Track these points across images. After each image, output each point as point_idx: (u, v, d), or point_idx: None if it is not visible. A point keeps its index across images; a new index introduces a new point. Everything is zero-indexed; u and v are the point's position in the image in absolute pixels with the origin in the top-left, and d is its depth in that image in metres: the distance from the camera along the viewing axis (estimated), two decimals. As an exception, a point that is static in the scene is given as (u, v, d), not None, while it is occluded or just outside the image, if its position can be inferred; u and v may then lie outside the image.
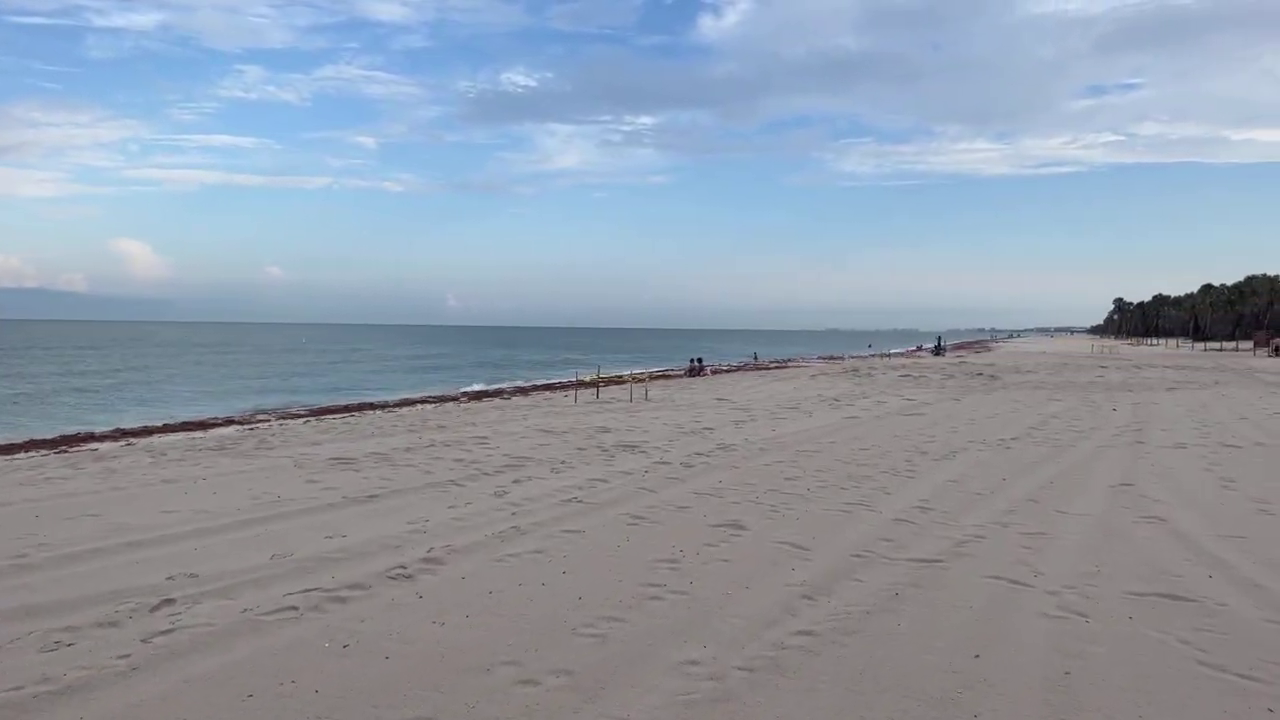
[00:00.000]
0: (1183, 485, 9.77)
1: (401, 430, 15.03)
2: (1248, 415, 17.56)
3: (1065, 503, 8.78)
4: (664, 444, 12.97)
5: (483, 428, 15.19)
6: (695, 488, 9.47)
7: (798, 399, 21.64)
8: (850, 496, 9.07)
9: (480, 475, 10.17)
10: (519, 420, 16.42)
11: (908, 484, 9.82)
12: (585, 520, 7.83)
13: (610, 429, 14.80)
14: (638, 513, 8.16)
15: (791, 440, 13.50)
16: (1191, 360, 52.19)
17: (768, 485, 9.65)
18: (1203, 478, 10.29)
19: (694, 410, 18.39)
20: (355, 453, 12.04)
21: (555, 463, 11.11)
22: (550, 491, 9.17)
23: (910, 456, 11.89)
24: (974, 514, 8.24)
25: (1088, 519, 8.03)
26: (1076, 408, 19.38)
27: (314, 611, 5.31)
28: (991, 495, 9.17)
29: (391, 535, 7.20)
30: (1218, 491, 9.44)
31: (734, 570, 6.29)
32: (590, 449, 12.41)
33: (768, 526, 7.66)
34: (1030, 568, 6.39)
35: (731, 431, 14.58)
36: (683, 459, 11.49)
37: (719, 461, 11.33)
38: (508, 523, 7.69)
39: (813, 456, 11.81)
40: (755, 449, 12.48)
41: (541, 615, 5.26)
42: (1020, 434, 14.44)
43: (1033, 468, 10.96)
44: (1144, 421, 16.37)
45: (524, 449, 12.37)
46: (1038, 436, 14.15)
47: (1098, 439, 13.87)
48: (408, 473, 10.36)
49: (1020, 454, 12.20)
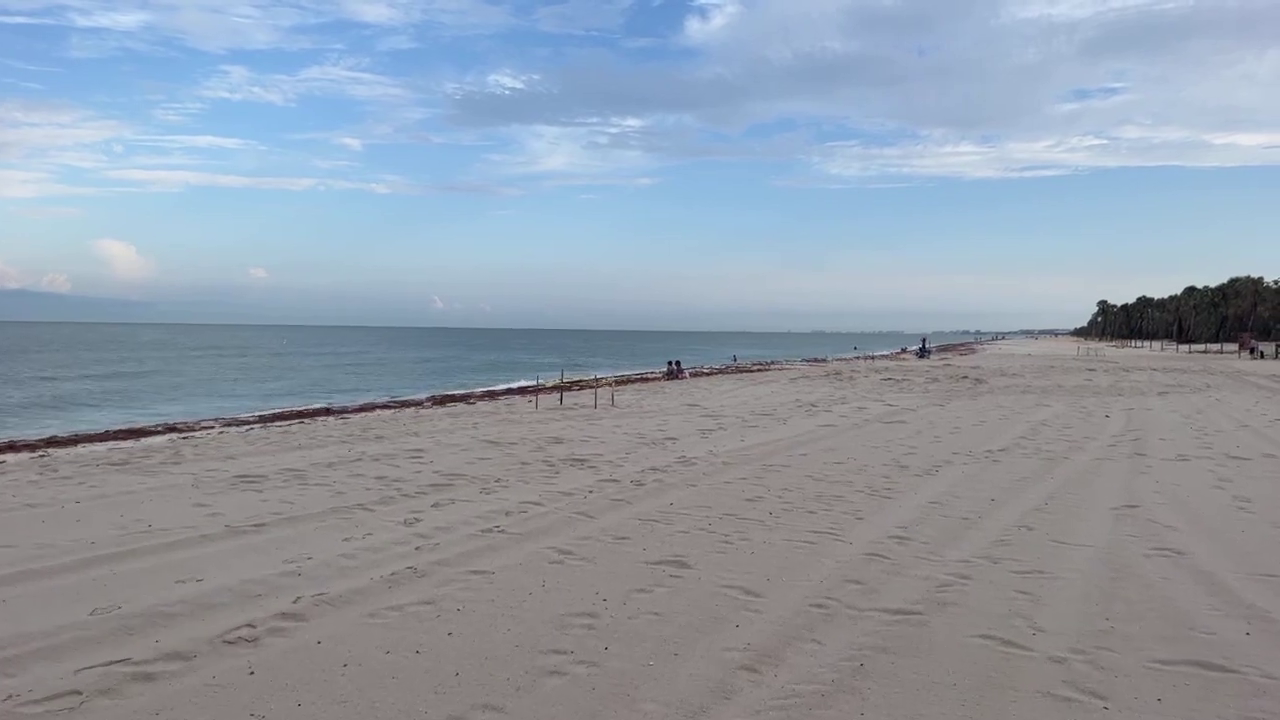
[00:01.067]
0: (1193, 507, 8.64)
1: (335, 441, 13.74)
2: (1248, 422, 16.51)
3: (1063, 530, 7.62)
4: (618, 457, 11.75)
5: (425, 438, 13.92)
6: (641, 511, 8.26)
7: (773, 405, 20.47)
8: (818, 523, 7.88)
9: (397, 498, 8.91)
10: (468, 429, 15.16)
11: (884, 506, 8.64)
12: (500, 557, 6.60)
13: (564, 439, 13.57)
14: (566, 546, 6.94)
15: (760, 452, 12.31)
16: (1178, 363, 51.43)
17: (725, 508, 8.45)
18: (1214, 497, 9.16)
19: (660, 418, 17.18)
20: (269, 468, 10.76)
21: (489, 481, 9.87)
22: (471, 518, 7.93)
23: (889, 472, 10.72)
24: (959, 545, 7.07)
25: (1091, 552, 6.86)
26: (1067, 414, 18.29)
27: (102, 698, 4.06)
28: (979, 520, 8.00)
29: (257, 579, 5.95)
30: (1234, 514, 8.31)
31: (664, 628, 5.08)
32: (535, 463, 11.17)
33: (716, 564, 6.46)
34: (1027, 621, 5.22)
35: (696, 442, 13.38)
36: (635, 475, 10.28)
37: (675, 478, 10.12)
38: (406, 560, 6.45)
39: (780, 472, 10.62)
40: (718, 463, 11.28)
41: (397, 704, 4.03)
42: (1009, 444, 13.30)
43: (1024, 485, 9.81)
44: (1140, 429, 15.28)
45: (460, 464, 11.12)
46: (1028, 447, 13.02)
47: (1093, 450, 12.74)
48: (316, 494, 9.10)
49: (1010, 468, 11.06)
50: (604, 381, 23.63)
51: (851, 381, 30.32)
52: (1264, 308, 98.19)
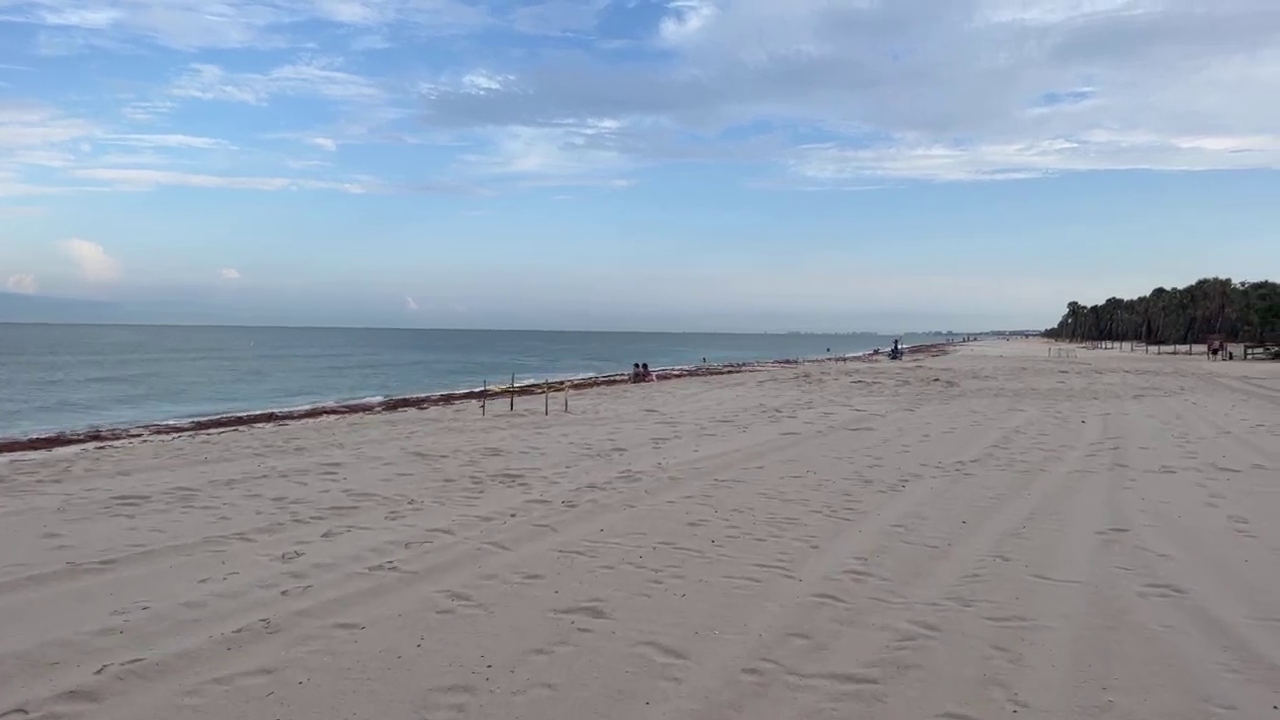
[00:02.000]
0: (1187, 529, 7.71)
1: (251, 453, 12.54)
2: (1228, 428, 15.74)
3: (1044, 561, 6.65)
4: (556, 472, 10.67)
5: (349, 450, 12.76)
6: (565, 541, 7.19)
7: (736, 410, 19.47)
8: (765, 553, 6.86)
9: (287, 524, 7.78)
10: (400, 440, 14.01)
11: (842, 531, 7.64)
12: (379, 604, 5.51)
13: (502, 451, 12.46)
14: (464, 588, 5.86)
15: (713, 465, 11.29)
16: (1148, 364, 51.18)
17: (662, 535, 7.41)
18: (1207, 517, 8.25)
19: (613, 425, 16.12)
20: (159, 487, 9.57)
21: (401, 503, 8.75)
22: (363, 551, 6.82)
23: (851, 487, 9.73)
24: (925, 582, 6.07)
25: (1078, 590, 5.89)
26: (1041, 419, 17.45)
27: None
28: (948, 549, 7.01)
29: (64, 639, 4.82)
30: (1232, 539, 7.39)
31: (555, 709, 4.02)
32: (460, 480, 10.07)
33: (637, 611, 5.41)
34: (1006, 692, 4.22)
35: (646, 454, 12.33)
36: (569, 494, 9.21)
37: (614, 497, 9.06)
38: (263, 610, 5.34)
39: (732, 489, 9.60)
40: (666, 478, 10.24)
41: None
42: (981, 454, 12.38)
43: (998, 504, 8.85)
44: (1118, 437, 14.43)
45: (375, 481, 9.99)
46: (1001, 457, 12.10)
47: (1070, 460, 11.85)
48: (196, 520, 7.94)
49: (982, 482, 10.12)
50: (559, 385, 22.50)
51: (821, 384, 29.44)
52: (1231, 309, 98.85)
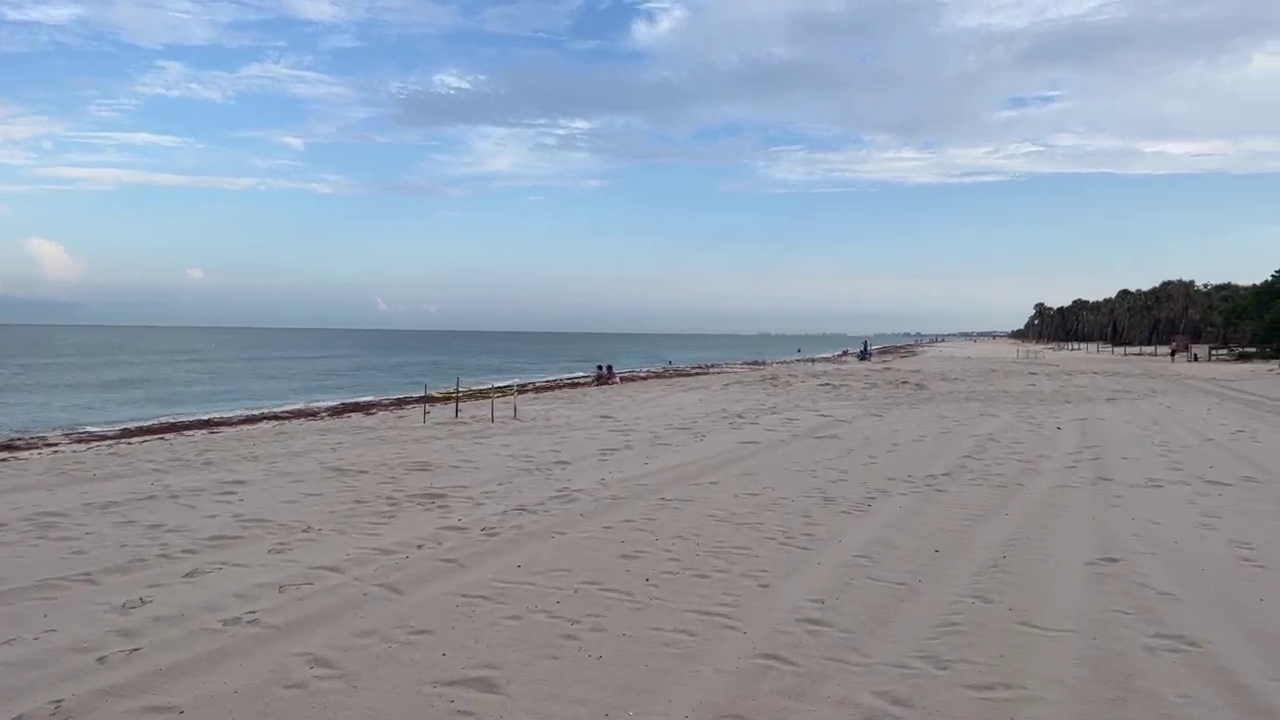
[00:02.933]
0: (1187, 558, 6.80)
1: (151, 468, 11.30)
2: (1209, 434, 14.99)
3: (1031, 602, 5.68)
4: (485, 491, 9.58)
5: (261, 464, 11.58)
6: (472, 581, 6.11)
7: (696, 415, 18.46)
8: (707, 594, 5.83)
9: (150, 560, 6.63)
10: (323, 451, 12.82)
11: (799, 564, 6.63)
12: (216, 676, 4.40)
13: (432, 465, 11.33)
14: (330, 650, 4.77)
15: (662, 481, 10.25)
16: (1116, 365, 51.02)
17: (589, 571, 6.36)
18: (1206, 542, 7.35)
19: (562, 434, 15.04)
20: (23, 511, 8.34)
21: (295, 531, 7.62)
22: (226, 597, 5.70)
23: (811, 508, 8.74)
24: (892, 633, 5.07)
25: (1073, 643, 4.92)
26: (1015, 425, 16.62)
27: None
28: (919, 587, 6.02)
29: None
30: (1238, 570, 6.48)
31: None
32: (374, 501, 8.95)
33: (538, 682, 4.35)
34: (996, 806, 3.21)
35: (590, 468, 11.26)
36: (494, 519, 8.12)
37: (543, 522, 7.99)
38: (61, 687, 4.22)
39: (679, 510, 8.57)
40: (607, 498, 9.18)
41: None
42: (953, 466, 11.46)
43: (975, 526, 7.90)
44: (1097, 445, 13.60)
45: (276, 503, 8.84)
46: (975, 469, 11.19)
47: (1049, 473, 10.96)
48: (45, 554, 6.75)
49: (956, 499, 9.17)
50: (502, 390, 21.34)
51: (787, 387, 28.55)
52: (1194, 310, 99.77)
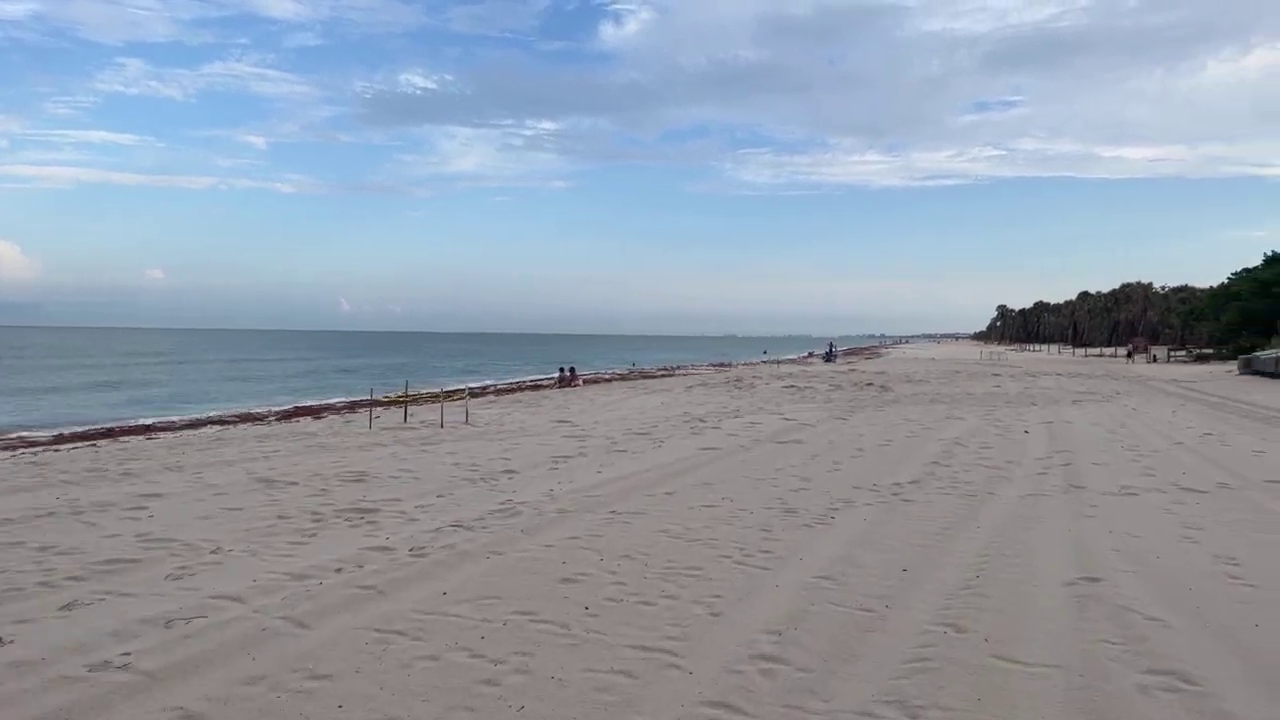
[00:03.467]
0: (1172, 577, 6.31)
1: (63, 480, 10.43)
2: (1178, 438, 14.68)
3: (1008, 631, 5.13)
4: (421, 505, 8.88)
5: (187, 473, 10.76)
6: (389, 612, 5.44)
7: (656, 419, 17.85)
8: (652, 625, 5.21)
9: (29, 589, 5.85)
10: (255, 460, 12.01)
11: (756, 587, 6.03)
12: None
13: (368, 475, 10.60)
14: (208, 702, 4.09)
15: (614, 491, 9.62)
16: (1078, 367, 51.33)
17: (523, 599, 5.71)
18: (1190, 556, 6.88)
19: (514, 440, 14.34)
20: (-102, 534, 7.50)
21: (201, 553, 6.87)
22: (102, 636, 4.97)
23: (771, 520, 8.16)
24: (856, 670, 4.49)
25: (1057, 681, 4.37)
26: (982, 429, 16.22)
27: None
28: (886, 613, 5.45)
29: None
30: (1228, 590, 6.00)
31: None
32: (297, 517, 8.21)
33: (442, 744, 3.69)
34: None
35: (539, 478, 10.60)
36: (424, 537, 7.44)
37: (479, 541, 7.32)
38: None
39: (630, 525, 7.94)
40: (553, 511, 8.53)
41: None
42: (920, 473, 10.96)
43: (944, 541, 7.36)
44: (1067, 450, 13.20)
45: (188, 520, 8.07)
46: (943, 476, 10.69)
47: (1020, 480, 10.50)
48: (-99, 587, 5.96)
49: (924, 510, 8.64)
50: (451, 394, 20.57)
51: (751, 389, 28.06)
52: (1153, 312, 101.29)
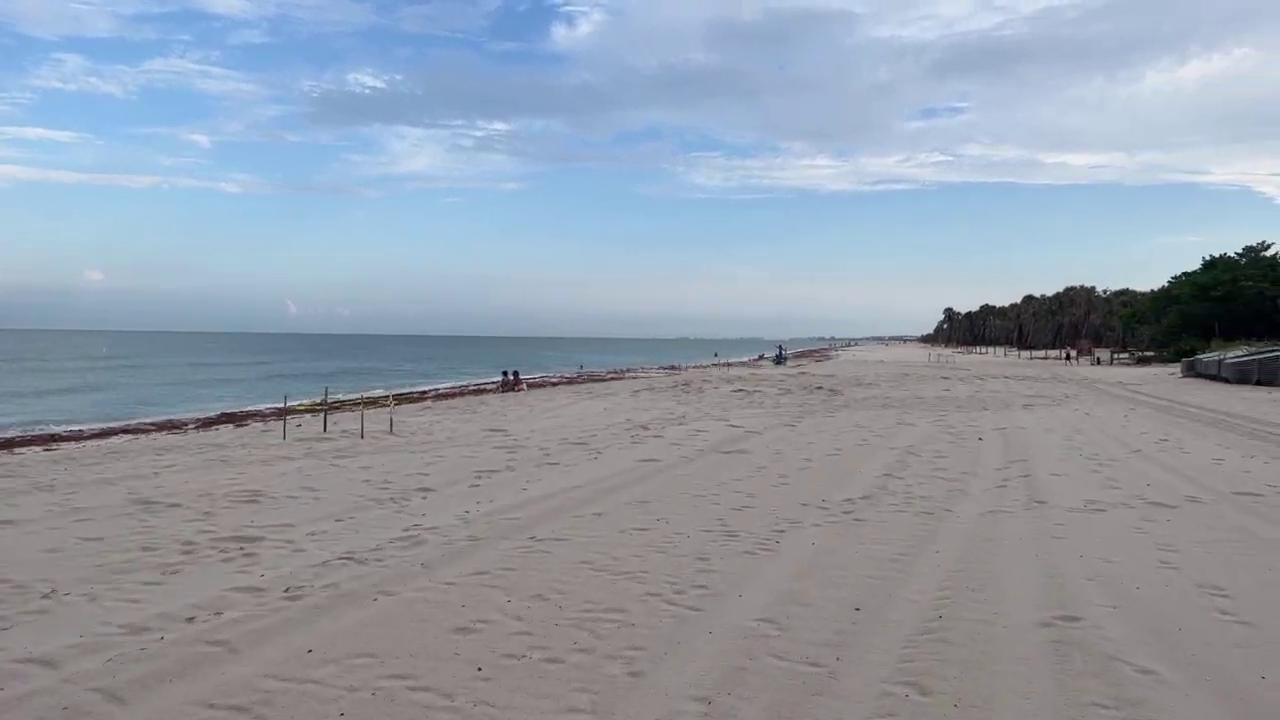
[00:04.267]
0: (1157, 614, 5.55)
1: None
2: (1137, 445, 14.18)
3: (981, 693, 4.30)
4: (313, 531, 7.82)
5: (57, 494, 9.53)
6: (236, 679, 4.41)
7: (597, 427, 16.91)
8: (555, 692, 4.28)
9: None
10: (141, 477, 10.78)
11: (685, 635, 5.12)
12: None
13: (262, 495, 9.48)
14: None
15: (538, 513, 8.65)
16: (1025, 369, 51.62)
17: (404, 659, 4.73)
18: (1173, 587, 6.15)
19: (438, 452, 13.28)
20: None
21: (33, 596, 5.75)
22: None
23: (709, 546, 7.27)
24: (801, 760, 3.59)
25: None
26: (935, 436, 15.58)
27: None
28: (836, 668, 4.59)
29: None
30: (1222, 630, 5.26)
31: None
32: (167, 547, 7.10)
33: None
34: None
35: (458, 496, 9.59)
36: (306, 574, 6.40)
37: (371, 577, 6.30)
38: None
39: (548, 556, 6.99)
40: (464, 539, 7.53)
41: None
42: (872, 487, 10.18)
43: (900, 571, 6.54)
44: (1023, 458, 12.57)
45: (31, 553, 6.90)
46: (896, 491, 9.93)
47: (978, 493, 9.78)
48: None
49: (878, 531, 7.84)
50: (371, 401, 19.38)
51: (700, 394, 27.27)
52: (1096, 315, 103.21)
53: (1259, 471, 11.52)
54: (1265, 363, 32.46)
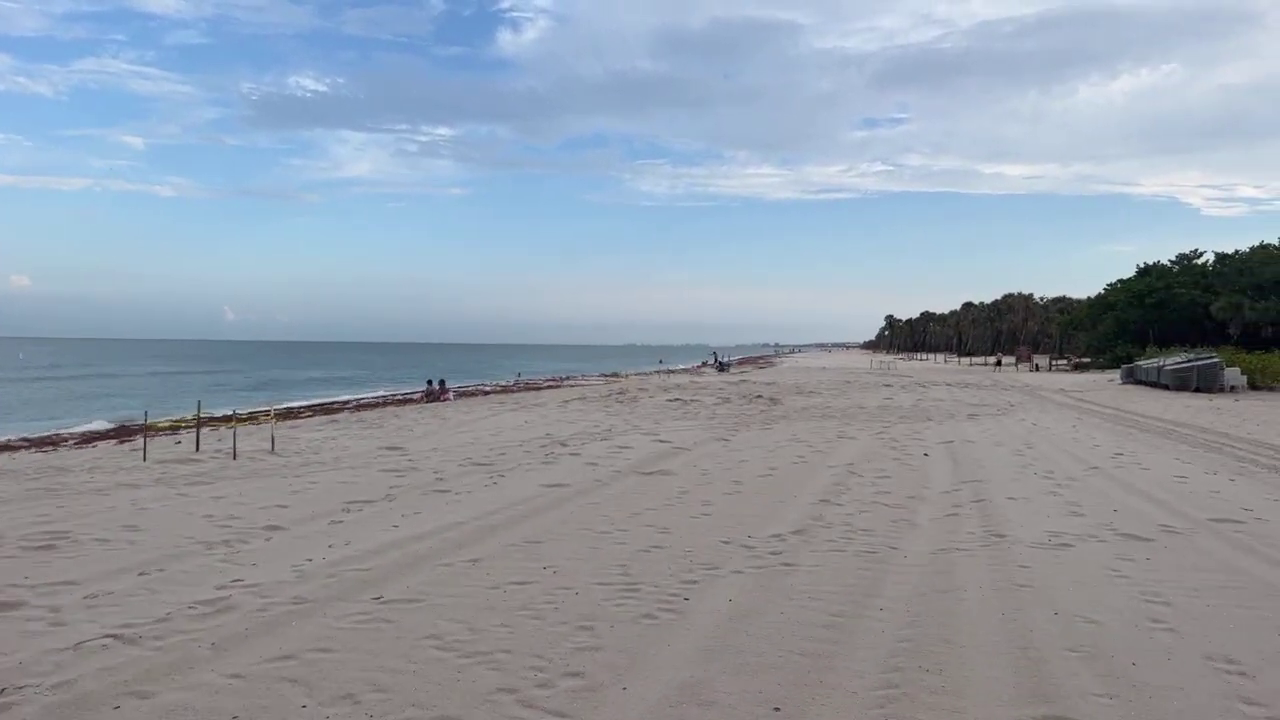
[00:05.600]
0: (1159, 700, 4.21)
1: None
2: (1092, 461, 13.09)
3: None
4: (97, 592, 6.12)
5: None
6: None
7: (509, 444, 15.31)
8: None
9: None
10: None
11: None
12: None
13: (73, 537, 7.70)
14: None
15: (400, 559, 7.06)
16: (966, 376, 51.31)
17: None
18: (1176, 660, 4.83)
19: (314, 476, 11.57)
20: None
21: None
22: None
23: (600, 607, 5.78)
24: None
25: None
26: (877, 451, 14.34)
27: None
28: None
29: None
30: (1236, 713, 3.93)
31: None
32: None
33: None
34: None
35: (309, 537, 7.94)
36: (44, 664, 4.73)
37: (131, 669, 4.66)
38: None
39: (391, 623, 5.41)
40: (286, 601, 5.91)
41: None
42: (806, 518, 8.81)
43: (836, 644, 5.12)
44: (974, 479, 11.35)
45: None
46: (833, 522, 8.57)
47: (927, 525, 8.47)
48: None
49: (809, 583, 6.44)
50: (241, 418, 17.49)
51: (634, 403, 25.81)
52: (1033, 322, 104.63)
53: (1228, 492, 10.46)
54: (1203, 369, 32.21)
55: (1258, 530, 8.27)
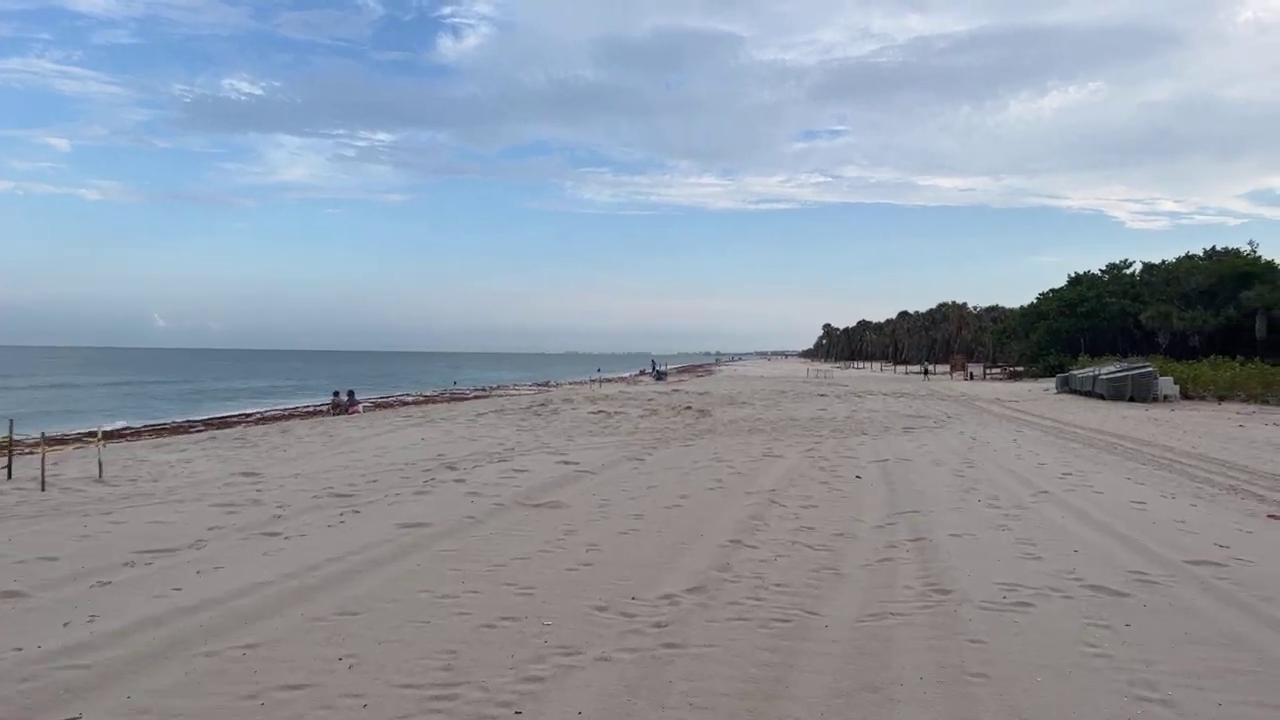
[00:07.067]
0: None
1: None
2: (1041, 484, 11.74)
3: None
4: None
5: None
6: None
7: (389, 467, 13.40)
8: None
9: None
10: None
11: None
12: None
13: None
14: None
15: (148, 645, 5.20)
16: (902, 385, 50.68)
17: None
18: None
19: (126, 512, 9.54)
20: None
21: None
22: None
23: (457, 698, 4.01)
24: None
25: None
26: (805, 473, 12.82)
27: None
28: None
29: None
30: None
31: None
32: None
33: None
34: None
35: (44, 610, 6.00)
36: None
37: None
38: None
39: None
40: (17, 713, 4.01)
41: None
42: (709, 568, 7.16)
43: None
44: (912, 510, 9.86)
45: None
46: (743, 573, 6.95)
47: (856, 574, 6.91)
48: None
49: (694, 675, 4.78)
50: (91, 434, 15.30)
51: (554, 415, 24.02)
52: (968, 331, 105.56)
53: (1193, 520, 9.17)
54: (1138, 379, 31.73)
55: (1243, 576, 6.89)
